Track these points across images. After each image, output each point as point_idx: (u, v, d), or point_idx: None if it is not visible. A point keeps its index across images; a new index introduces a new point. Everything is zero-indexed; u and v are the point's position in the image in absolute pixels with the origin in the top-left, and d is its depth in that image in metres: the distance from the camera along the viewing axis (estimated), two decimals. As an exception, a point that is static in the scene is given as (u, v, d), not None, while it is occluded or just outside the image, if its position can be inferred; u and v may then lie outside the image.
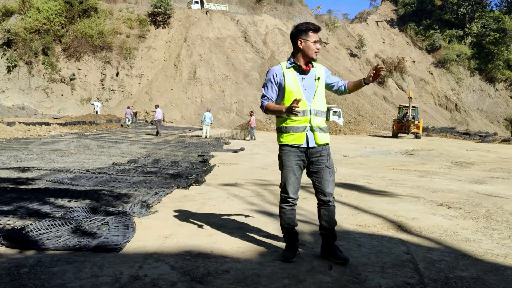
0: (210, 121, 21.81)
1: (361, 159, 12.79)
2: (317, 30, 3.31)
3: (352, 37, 54.60)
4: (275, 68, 3.39)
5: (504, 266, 3.36)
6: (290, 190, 3.33)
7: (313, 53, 3.29)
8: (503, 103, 53.66)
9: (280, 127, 3.35)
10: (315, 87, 3.32)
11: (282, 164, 3.36)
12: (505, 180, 8.88)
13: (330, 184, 3.34)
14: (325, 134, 3.37)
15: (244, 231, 4.15)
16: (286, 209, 3.38)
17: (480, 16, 58.37)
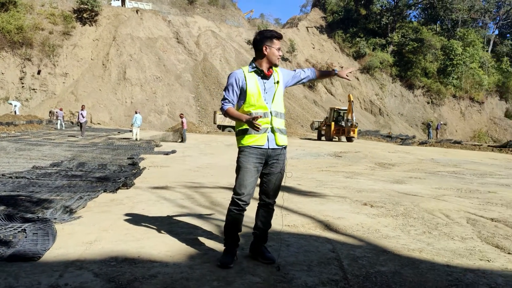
0: (140, 123, 21.29)
1: (292, 161, 13.08)
2: (280, 38, 3.42)
3: (284, 42, 55.83)
4: (237, 72, 3.41)
5: (419, 260, 3.60)
6: (245, 193, 3.29)
7: (277, 60, 3.39)
8: (421, 108, 57.51)
9: (241, 130, 3.35)
10: (275, 90, 3.39)
11: (240, 166, 3.33)
12: (421, 180, 9.50)
13: (277, 189, 3.45)
14: (284, 136, 3.44)
15: (173, 234, 4.08)
16: (235, 212, 3.33)
17: (401, 26, 62.17)
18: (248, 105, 3.31)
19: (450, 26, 63.55)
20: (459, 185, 8.70)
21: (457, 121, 58.23)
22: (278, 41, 3.39)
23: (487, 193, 7.75)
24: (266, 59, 3.37)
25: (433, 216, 5.42)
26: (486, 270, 3.41)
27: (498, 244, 4.22)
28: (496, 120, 61.10)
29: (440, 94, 57.66)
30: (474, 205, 6.37)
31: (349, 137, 28.79)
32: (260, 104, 3.30)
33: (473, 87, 59.44)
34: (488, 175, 11.13)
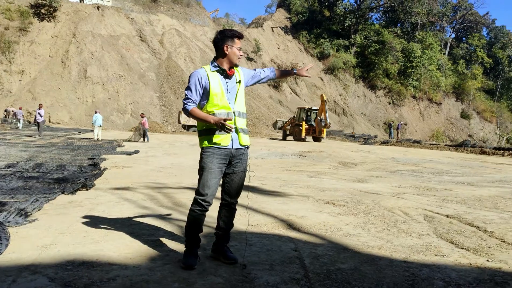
0: (101, 123, 20.81)
1: (257, 161, 13.12)
2: (241, 37, 3.41)
3: (249, 42, 55.94)
4: (199, 71, 3.36)
5: (378, 257, 3.68)
6: (208, 194, 3.26)
7: (237, 59, 3.37)
8: (382, 109, 59.00)
9: (204, 130, 3.31)
10: (237, 89, 3.37)
11: (203, 167, 3.29)
12: (382, 179, 9.75)
13: (240, 188, 3.43)
14: (247, 135, 3.44)
15: (134, 236, 4.00)
16: (197, 213, 3.29)
17: (363, 28, 63.53)
18: (211, 105, 3.28)
19: (410, 29, 65.50)
20: (417, 183, 8.97)
21: (417, 121, 60.11)
22: (239, 40, 3.38)
23: (444, 190, 8.03)
24: (227, 59, 3.35)
25: (392, 214, 5.57)
26: (440, 265, 3.53)
27: (453, 239, 4.38)
28: (452, 120, 63.51)
29: (400, 95, 59.32)
30: (431, 202, 6.59)
31: (318, 137, 28.64)
32: (223, 104, 3.28)
33: (431, 88, 61.54)
34: (444, 173, 11.54)
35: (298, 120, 29.37)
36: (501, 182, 9.96)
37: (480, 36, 73.26)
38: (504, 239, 4.48)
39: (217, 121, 3.15)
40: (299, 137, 28.35)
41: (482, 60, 69.92)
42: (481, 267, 3.53)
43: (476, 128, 64.74)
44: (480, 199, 7.06)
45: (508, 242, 4.35)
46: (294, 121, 29.99)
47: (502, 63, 71.32)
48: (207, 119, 3.22)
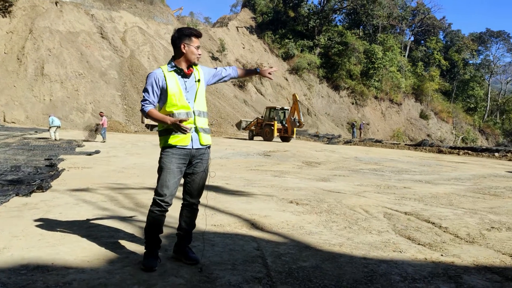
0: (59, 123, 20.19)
1: (221, 161, 13.08)
2: (200, 36, 3.35)
3: (214, 41, 55.63)
4: (156, 72, 3.29)
5: (339, 254, 3.75)
6: (168, 194, 3.21)
7: (195, 58, 3.31)
8: (346, 109, 60.11)
9: (164, 130, 3.26)
10: (196, 89, 3.32)
11: (162, 167, 3.25)
12: (345, 178, 9.93)
13: (201, 188, 3.40)
14: (208, 135, 3.39)
15: (92, 238, 3.89)
16: (156, 214, 3.24)
17: (327, 29, 64.48)
18: (169, 105, 3.23)
19: (371, 31, 67.04)
20: (378, 182, 9.19)
21: (379, 121, 61.59)
22: (197, 39, 3.33)
23: (403, 188, 8.27)
24: (184, 58, 3.30)
25: (354, 212, 5.68)
26: (398, 260, 3.63)
27: (410, 235, 4.52)
28: (412, 120, 65.47)
29: (363, 96, 60.60)
30: (391, 200, 6.77)
31: (288, 137, 28.54)
32: (182, 104, 3.24)
33: (392, 89, 63.20)
34: (404, 172, 11.88)
35: (268, 120, 28.91)
36: (456, 180, 10.35)
37: (437, 39, 75.86)
38: (458, 234, 4.66)
39: (173, 122, 3.11)
40: (271, 137, 28.08)
41: (439, 63, 72.44)
42: (435, 261, 3.65)
43: (434, 128, 67.00)
44: (436, 197, 7.31)
45: (461, 237, 4.53)
46: (262, 121, 29.54)
47: (457, 65, 74.11)
48: (164, 120, 3.18)
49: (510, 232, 4.83)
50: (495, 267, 3.56)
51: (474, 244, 4.29)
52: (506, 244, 4.29)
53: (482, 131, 72.19)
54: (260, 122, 29.66)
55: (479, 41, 77.74)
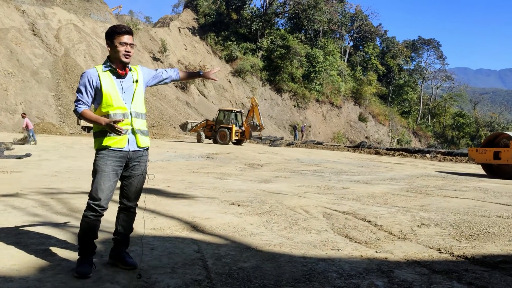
0: None
1: (162, 163, 12.85)
2: (125, 33, 3.17)
3: (155, 41, 54.55)
4: (90, 71, 3.16)
5: (279, 254, 3.80)
6: (103, 198, 3.09)
7: (122, 56, 3.16)
8: (288, 111, 61.17)
9: (99, 131, 3.13)
10: (134, 89, 3.22)
11: (97, 170, 3.12)
12: (287, 179, 10.10)
13: (138, 192, 3.31)
14: (146, 137, 3.29)
15: (22, 246, 3.67)
16: (91, 219, 3.11)
17: (269, 33, 65.35)
18: (105, 106, 3.13)
19: (313, 36, 68.77)
20: (318, 183, 9.43)
21: (320, 123, 63.26)
22: (123, 36, 3.16)
23: (342, 189, 8.55)
24: (114, 56, 3.19)
25: (294, 212, 5.79)
26: (335, 258, 3.75)
27: (347, 234, 4.68)
28: (351, 123, 67.90)
29: (305, 98, 61.97)
30: (330, 200, 6.97)
31: (242, 140, 28.41)
32: (118, 104, 3.14)
33: (332, 92, 65.18)
34: (343, 172, 12.29)
35: (222, 122, 28.38)
36: (391, 179, 10.86)
37: (374, 45, 79.26)
38: (391, 231, 4.89)
39: (107, 123, 3.00)
40: (227, 141, 27.61)
41: (376, 68, 75.74)
42: (370, 258, 3.81)
43: (372, 130, 69.87)
44: (373, 196, 7.63)
45: (394, 234, 4.76)
46: (213, 123, 28.92)
47: (393, 71, 77.87)
48: (98, 121, 3.06)
49: (438, 228, 5.13)
50: (423, 261, 3.76)
51: (406, 240, 4.52)
52: (434, 239, 4.55)
53: (416, 133, 76.27)
54: (211, 124, 29.05)
55: (412, 48, 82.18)
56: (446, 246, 4.25)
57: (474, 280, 3.25)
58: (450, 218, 5.72)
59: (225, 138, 27.73)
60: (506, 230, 5.01)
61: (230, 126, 27.89)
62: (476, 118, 77.37)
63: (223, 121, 28.52)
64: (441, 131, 79.25)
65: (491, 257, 3.89)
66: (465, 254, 3.98)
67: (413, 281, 3.22)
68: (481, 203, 7.15)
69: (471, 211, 6.28)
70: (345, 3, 74.98)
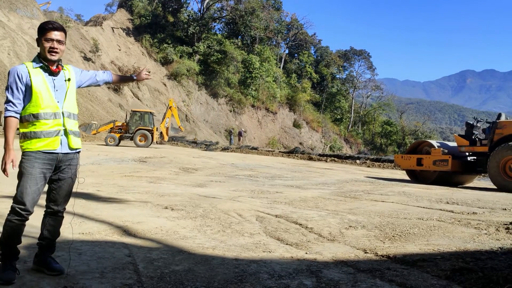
0: None
1: (93, 167, 12.39)
2: (52, 29, 3.03)
3: (86, 40, 52.41)
4: (19, 67, 2.99)
5: (212, 257, 3.84)
6: (28, 202, 2.94)
7: (47, 53, 3.02)
8: (224, 116, 61.30)
9: (27, 133, 2.97)
10: (66, 88, 3.10)
11: (22, 172, 2.96)
12: (221, 183, 10.14)
13: (68, 195, 3.20)
14: (78, 138, 3.19)
15: None
16: (15, 223, 2.96)
17: (206, 37, 65.19)
18: (35, 105, 2.98)
19: (249, 42, 69.57)
20: (253, 187, 9.56)
21: (255, 129, 63.99)
22: (50, 32, 3.04)
23: (275, 193, 8.73)
24: (42, 53, 3.07)
25: (228, 216, 5.84)
26: (267, 260, 3.85)
27: (279, 236, 4.81)
28: (286, 129, 69.37)
29: (241, 104, 62.42)
30: (263, 204, 7.10)
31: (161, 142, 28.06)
32: (49, 103, 3.01)
33: (268, 98, 66.24)
34: (277, 177, 12.54)
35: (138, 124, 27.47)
36: (323, 184, 11.26)
37: (309, 54, 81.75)
38: (321, 233, 5.09)
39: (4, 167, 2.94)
40: (148, 143, 26.90)
41: (311, 75, 78.11)
42: (300, 259, 3.95)
43: (305, 137, 71.83)
44: (304, 200, 7.87)
45: (323, 236, 4.96)
46: (124, 125, 27.81)
47: (326, 79, 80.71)
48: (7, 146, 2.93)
49: (364, 229, 5.41)
50: (350, 261, 3.96)
51: (335, 241, 4.73)
52: (360, 241, 4.80)
53: (347, 140, 79.45)
54: (120, 126, 27.84)
55: (344, 58, 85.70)
56: (371, 247, 4.50)
57: (395, 278, 3.47)
58: (376, 220, 6.05)
59: (145, 140, 27.01)
60: (425, 231, 5.38)
61: (151, 128, 27.32)
62: (402, 126, 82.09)
63: (138, 123, 27.60)
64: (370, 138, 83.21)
65: (411, 256, 4.17)
66: (388, 253, 4.23)
67: (339, 280, 3.38)
68: (404, 206, 7.61)
69: (394, 213, 6.68)
70: (281, 11, 76.70)
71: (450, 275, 3.52)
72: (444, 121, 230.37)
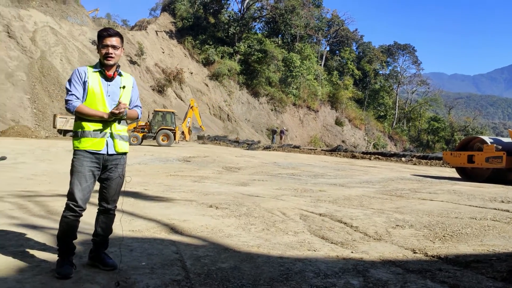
0: None
1: (139, 166, 12.77)
2: (107, 36, 3.20)
3: (132, 44, 54.01)
4: (80, 68, 3.23)
5: (257, 255, 3.87)
6: (79, 198, 3.12)
7: (104, 58, 3.19)
8: (265, 115, 61.40)
9: (77, 132, 3.16)
10: (119, 95, 3.24)
11: (73, 170, 3.14)
12: (264, 182, 10.18)
13: (117, 194, 3.33)
14: (125, 142, 3.32)
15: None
16: (70, 219, 3.14)
17: (247, 37, 65.53)
18: (88, 105, 3.16)
19: (290, 40, 69.31)
20: (295, 186, 9.54)
21: (297, 127, 63.71)
22: (106, 39, 3.21)
23: (318, 191, 8.67)
24: (100, 59, 3.27)
25: (272, 214, 5.86)
26: (312, 258, 3.84)
27: (324, 235, 4.78)
28: (328, 127, 68.64)
29: (282, 102, 62.33)
30: (307, 202, 7.08)
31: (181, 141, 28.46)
32: (100, 106, 3.17)
33: (309, 96, 65.77)
34: (320, 176, 12.44)
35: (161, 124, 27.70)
36: (367, 183, 11.06)
37: (351, 50, 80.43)
38: (367, 232, 5.01)
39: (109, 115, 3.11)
40: (171, 142, 27.12)
41: (353, 72, 76.84)
42: (346, 258, 3.91)
43: (348, 134, 70.77)
44: (349, 198, 7.78)
45: (369, 235, 4.88)
46: (147, 124, 28.04)
47: (368, 75, 79.14)
48: (97, 115, 3.12)
49: (412, 229, 5.29)
50: (398, 261, 3.89)
51: (381, 241, 4.65)
52: (409, 240, 4.69)
53: (391, 137, 77.60)
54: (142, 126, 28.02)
55: (387, 53, 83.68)
56: (420, 247, 4.39)
57: (447, 279, 3.37)
58: (425, 219, 5.89)
59: (169, 140, 27.26)
60: (478, 231, 5.19)
61: (174, 127, 27.62)
62: (451, 122, 79.14)
63: (161, 122, 27.89)
64: (416, 135, 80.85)
65: (463, 256, 4.04)
66: (439, 254, 4.11)
67: (388, 280, 3.33)
68: (455, 205, 7.36)
69: (445, 213, 6.47)
70: (322, 8, 75.85)
71: (507, 276, 3.39)
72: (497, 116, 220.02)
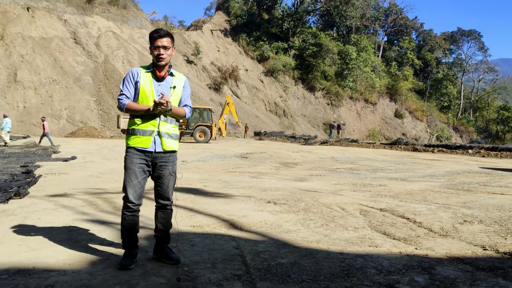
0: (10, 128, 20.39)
1: (199, 164, 13.09)
2: (158, 37, 3.29)
3: (188, 44, 55.42)
4: (134, 69, 3.38)
5: (316, 250, 3.85)
6: (131, 194, 3.27)
7: (156, 59, 3.31)
8: (321, 110, 60.73)
9: (129, 129, 3.34)
10: (169, 95, 3.34)
11: (125, 167, 3.32)
12: (321, 177, 10.08)
13: (170, 190, 3.43)
14: (174, 141, 3.40)
15: (73, 242, 3.90)
16: (127, 215, 3.31)
17: (301, 31, 65.07)
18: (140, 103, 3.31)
19: (345, 32, 67.95)
20: (354, 180, 9.37)
21: (354, 121, 62.46)
22: (157, 40, 3.30)
23: (378, 186, 8.46)
24: (153, 60, 3.38)
25: (330, 210, 5.80)
26: (373, 254, 3.76)
27: (385, 231, 4.66)
28: (387, 119, 66.65)
29: (338, 96, 61.36)
30: (367, 197, 6.93)
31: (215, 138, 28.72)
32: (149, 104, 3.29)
33: (367, 89, 64.22)
34: (379, 170, 12.12)
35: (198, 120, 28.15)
36: (430, 176, 10.63)
37: (410, 39, 77.49)
38: (431, 228, 4.83)
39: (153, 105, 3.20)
40: (207, 138, 27.63)
41: (412, 62, 74.02)
42: (410, 254, 3.79)
43: (408, 127, 68.35)
44: (411, 193, 7.52)
45: (434, 231, 4.70)
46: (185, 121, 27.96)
47: (430, 65, 75.89)
48: (143, 109, 3.24)
49: (481, 225, 5.02)
50: (467, 258, 3.71)
51: (447, 237, 4.46)
52: (478, 236, 4.47)
53: (456, 128, 74.03)
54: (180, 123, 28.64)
55: (451, 40, 79.74)
56: (490, 243, 4.17)
57: (520, 277, 3.19)
58: (495, 214, 5.58)
59: (204, 136, 27.65)
60: (554, 227, 4.85)
61: (210, 124, 27.89)
62: (523, 110, 74.11)
63: (198, 119, 28.26)
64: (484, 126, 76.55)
65: (538, 254, 3.79)
66: (511, 251, 3.89)
67: (455, 277, 3.19)
68: (526, 199, 6.92)
69: (516, 207, 6.10)
70: (378, -3, 73.69)
71: None
72: None
